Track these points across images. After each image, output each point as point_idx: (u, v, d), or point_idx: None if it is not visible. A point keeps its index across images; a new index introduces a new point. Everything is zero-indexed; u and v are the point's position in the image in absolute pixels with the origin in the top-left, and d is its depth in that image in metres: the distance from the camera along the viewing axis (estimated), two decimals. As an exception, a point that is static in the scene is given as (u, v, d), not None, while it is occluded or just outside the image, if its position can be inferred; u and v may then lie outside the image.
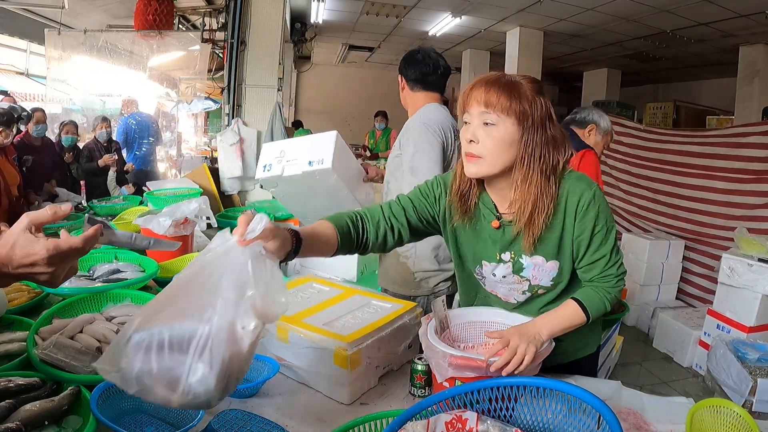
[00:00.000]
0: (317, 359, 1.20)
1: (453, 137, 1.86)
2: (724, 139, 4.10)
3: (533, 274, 1.20)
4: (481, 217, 1.21)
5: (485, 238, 1.22)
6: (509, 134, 1.07)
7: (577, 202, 1.12)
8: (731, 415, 1.02)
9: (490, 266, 1.23)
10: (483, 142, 1.08)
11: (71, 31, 5.07)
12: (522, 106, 1.06)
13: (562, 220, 1.15)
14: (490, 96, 1.07)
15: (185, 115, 7.57)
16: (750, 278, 3.08)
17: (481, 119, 1.08)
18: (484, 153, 1.08)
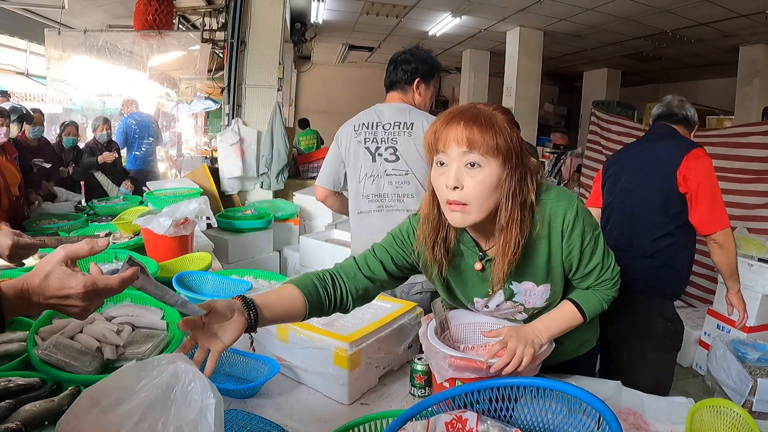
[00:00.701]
0: (317, 359, 1.20)
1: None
2: (724, 139, 4.10)
3: (526, 299, 1.17)
4: (465, 258, 1.14)
5: (473, 278, 1.16)
6: (495, 176, 0.97)
7: (562, 223, 1.06)
8: (731, 415, 1.02)
9: (482, 301, 1.20)
10: (468, 187, 0.97)
11: (71, 31, 5.07)
12: (505, 143, 0.97)
13: (548, 245, 1.09)
14: (473, 134, 0.96)
15: (185, 115, 7.58)
16: (750, 278, 3.08)
17: (463, 160, 0.97)
18: (470, 200, 0.97)
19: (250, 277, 1.92)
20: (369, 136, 1.92)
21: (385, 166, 1.88)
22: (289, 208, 4.38)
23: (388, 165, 1.88)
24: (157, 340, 1.32)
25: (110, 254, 2.00)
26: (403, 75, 1.97)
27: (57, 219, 3.02)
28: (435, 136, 1.00)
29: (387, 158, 1.88)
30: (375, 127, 1.93)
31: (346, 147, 1.96)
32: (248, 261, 3.67)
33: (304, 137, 7.83)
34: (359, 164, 1.92)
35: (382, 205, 1.89)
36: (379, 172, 1.88)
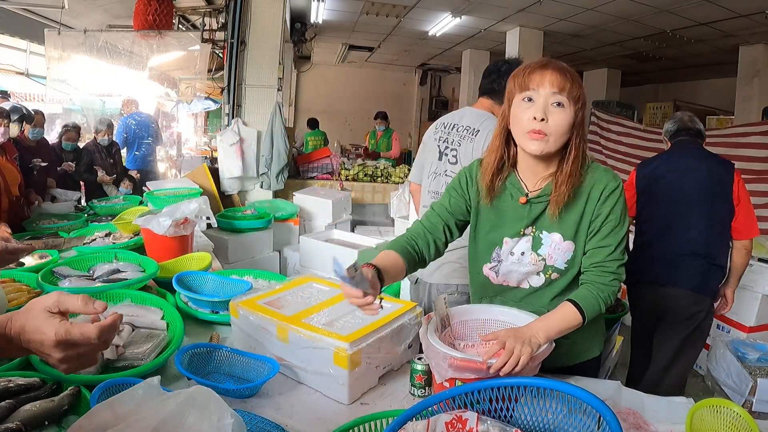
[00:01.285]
0: (317, 359, 1.20)
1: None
2: (724, 139, 4.11)
3: (549, 252, 1.24)
4: (507, 197, 1.27)
5: (509, 217, 1.27)
6: (572, 117, 1.15)
7: (602, 189, 1.20)
8: (731, 415, 1.02)
9: (511, 242, 1.27)
10: (551, 121, 1.14)
11: (71, 31, 5.07)
12: (582, 95, 1.15)
13: (584, 205, 1.21)
14: (565, 81, 1.13)
15: (185, 115, 7.57)
16: (750, 278, 3.08)
17: (551, 100, 1.14)
18: (550, 131, 1.14)
19: (250, 277, 1.92)
20: (443, 136, 2.01)
21: (446, 166, 1.98)
22: (289, 208, 4.38)
23: (448, 166, 1.97)
24: (157, 340, 1.32)
25: (110, 254, 2.00)
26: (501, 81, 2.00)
27: (57, 219, 3.02)
28: (528, 77, 1.15)
29: (449, 159, 1.98)
30: (452, 128, 2.01)
31: (427, 142, 2.07)
32: (248, 261, 3.67)
33: (312, 137, 7.79)
34: (430, 161, 2.03)
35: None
36: (440, 171, 1.98)
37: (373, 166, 5.63)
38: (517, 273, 1.29)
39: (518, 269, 1.28)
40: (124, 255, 1.99)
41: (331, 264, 0.97)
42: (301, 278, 1.64)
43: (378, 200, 5.34)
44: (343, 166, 5.55)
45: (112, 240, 2.44)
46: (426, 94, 12.56)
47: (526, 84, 1.16)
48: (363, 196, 5.32)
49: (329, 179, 5.37)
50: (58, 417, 1.01)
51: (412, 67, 11.99)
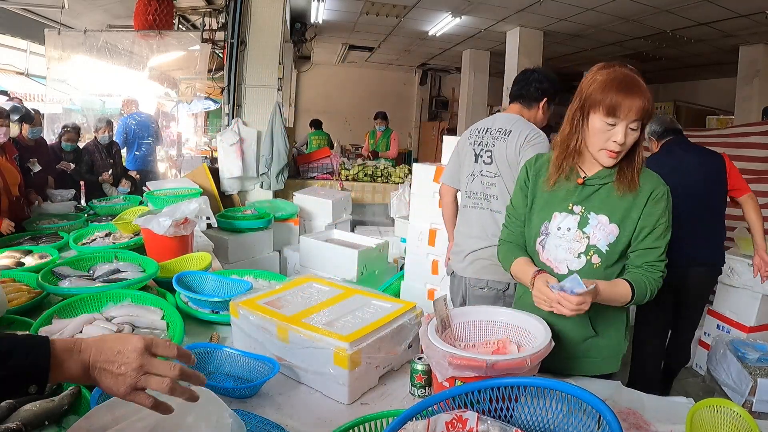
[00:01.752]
0: (317, 359, 1.20)
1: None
2: (724, 139, 4.10)
3: (594, 232, 1.31)
4: (563, 179, 1.38)
5: (561, 195, 1.38)
6: (639, 131, 1.26)
7: (653, 189, 1.29)
8: (731, 414, 1.02)
9: (559, 217, 1.36)
10: (626, 142, 1.25)
11: (71, 31, 5.07)
12: (650, 106, 1.22)
13: (635, 197, 1.29)
14: (642, 108, 1.21)
15: (185, 115, 7.57)
16: (750, 278, 3.07)
17: (630, 125, 1.23)
18: (623, 149, 1.26)
19: (250, 277, 1.92)
20: (477, 140, 2.13)
21: (481, 167, 2.10)
22: (289, 208, 4.38)
23: (483, 166, 2.10)
24: (157, 340, 1.32)
25: (110, 254, 2.00)
26: (534, 92, 2.16)
27: (57, 219, 3.02)
28: (615, 103, 1.21)
29: (484, 160, 2.10)
30: (485, 132, 2.14)
31: (461, 147, 2.19)
32: (248, 261, 3.67)
33: (316, 137, 7.79)
34: (467, 164, 2.15)
35: (477, 202, 2.13)
36: (476, 173, 2.11)
37: (373, 166, 5.63)
38: (561, 249, 1.34)
39: (562, 244, 1.34)
40: (124, 255, 1.99)
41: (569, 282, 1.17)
42: (301, 278, 1.64)
43: (378, 200, 5.34)
44: (343, 166, 5.55)
45: (112, 240, 2.44)
46: (426, 94, 12.55)
47: (613, 110, 1.22)
48: (363, 196, 5.33)
49: (329, 179, 5.37)
50: (58, 417, 1.01)
51: (412, 67, 11.99)
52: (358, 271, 3.21)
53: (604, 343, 1.39)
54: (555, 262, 1.36)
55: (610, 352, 1.40)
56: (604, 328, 1.39)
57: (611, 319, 1.39)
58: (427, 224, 3.03)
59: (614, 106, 1.22)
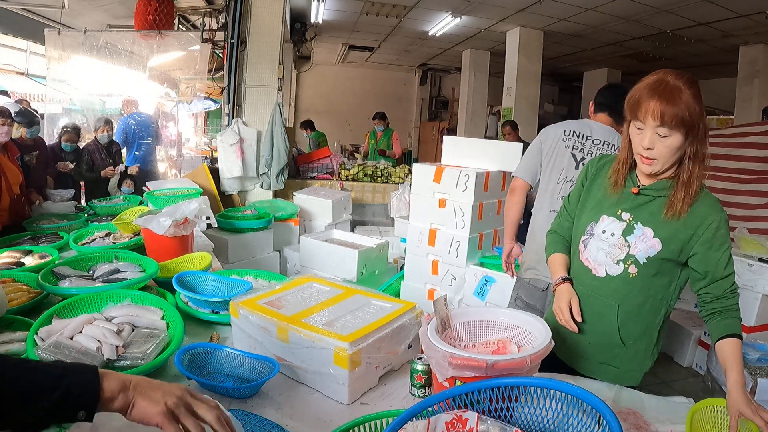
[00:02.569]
0: (317, 359, 1.20)
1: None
2: (724, 139, 4.10)
3: (636, 242, 1.31)
4: (623, 185, 1.37)
5: (615, 199, 1.38)
6: (678, 141, 1.21)
7: (711, 215, 1.26)
8: (731, 415, 1.02)
9: (606, 221, 1.37)
10: (658, 149, 1.23)
11: (71, 31, 5.07)
12: (690, 118, 1.18)
13: (688, 220, 1.27)
14: (665, 112, 1.18)
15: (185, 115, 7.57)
16: (750, 278, 3.08)
17: (655, 131, 1.22)
18: (657, 157, 1.24)
19: (250, 277, 1.92)
20: (578, 145, 2.12)
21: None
22: (289, 208, 4.38)
23: None
24: (157, 340, 1.32)
25: (110, 254, 2.00)
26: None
27: (57, 219, 3.02)
28: (636, 105, 1.23)
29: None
30: (585, 139, 2.14)
31: (551, 147, 2.15)
32: (248, 261, 3.67)
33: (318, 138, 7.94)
34: (561, 167, 2.12)
35: None
36: (570, 179, 2.09)
37: (373, 166, 5.63)
38: (602, 252, 1.35)
39: (603, 247, 1.35)
40: (124, 255, 1.99)
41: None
42: (301, 278, 1.64)
43: (378, 200, 5.34)
44: (343, 166, 5.55)
45: (112, 240, 2.43)
46: (426, 94, 12.55)
47: (635, 113, 1.24)
48: (363, 196, 5.33)
49: (329, 179, 5.37)
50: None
51: (412, 67, 11.99)
52: (358, 271, 3.21)
53: (630, 356, 1.39)
54: (594, 264, 1.38)
55: (634, 365, 1.40)
56: (632, 342, 1.38)
57: (641, 334, 1.39)
58: (427, 224, 3.03)
59: (636, 110, 1.23)
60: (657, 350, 1.43)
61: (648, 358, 1.41)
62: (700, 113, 1.20)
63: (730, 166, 4.00)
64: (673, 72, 1.23)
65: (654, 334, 1.40)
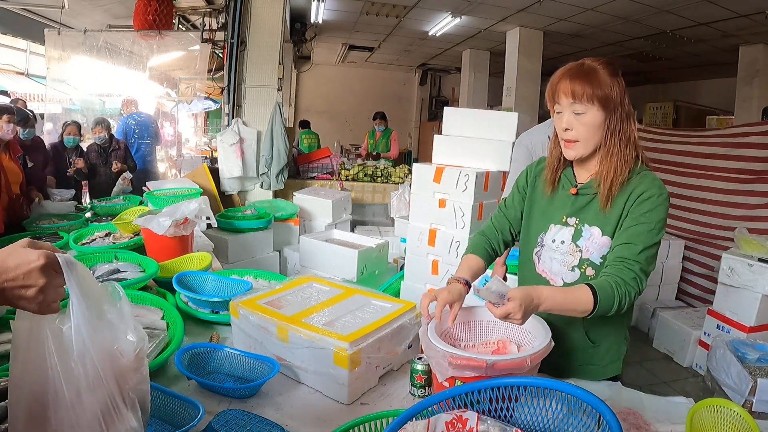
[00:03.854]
0: (317, 359, 1.20)
1: None
2: (724, 139, 4.10)
3: (587, 245, 1.28)
4: (560, 187, 1.36)
5: (557, 205, 1.36)
6: (596, 118, 1.21)
7: (642, 192, 1.22)
8: (731, 414, 1.02)
9: (554, 229, 1.34)
10: (576, 128, 1.22)
11: (71, 31, 5.07)
12: (603, 92, 1.19)
13: (624, 203, 1.24)
14: (575, 88, 1.19)
15: (185, 115, 7.57)
16: (750, 278, 3.08)
17: (571, 109, 1.22)
18: (578, 137, 1.23)
19: (250, 277, 1.92)
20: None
21: None
22: (289, 208, 4.38)
23: None
24: (157, 340, 1.32)
25: (110, 254, 2.00)
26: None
27: (57, 219, 3.02)
28: (552, 90, 1.24)
29: None
30: None
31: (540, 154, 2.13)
32: (248, 261, 3.67)
33: (306, 135, 7.97)
34: None
35: None
36: None
37: (373, 166, 5.63)
38: (556, 261, 1.32)
39: (556, 257, 1.32)
40: (124, 255, 1.99)
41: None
42: (301, 278, 1.64)
43: (378, 200, 5.34)
44: (343, 166, 5.55)
45: (112, 240, 2.44)
46: (426, 94, 12.55)
47: (551, 95, 1.25)
48: (363, 196, 5.32)
49: (329, 179, 5.37)
50: (58, 417, 1.00)
51: (412, 67, 11.99)
52: (358, 271, 3.21)
53: (605, 351, 1.37)
54: (550, 274, 1.34)
55: (612, 357, 1.38)
56: (602, 338, 1.36)
57: (609, 327, 1.35)
58: (427, 224, 3.03)
59: (551, 92, 1.24)
60: (628, 332, 1.42)
61: (622, 343, 1.39)
62: (618, 92, 1.20)
63: (730, 166, 4.00)
64: (592, 57, 1.25)
65: (623, 322, 1.39)
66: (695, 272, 4.25)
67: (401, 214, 4.30)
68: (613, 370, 1.39)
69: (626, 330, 1.41)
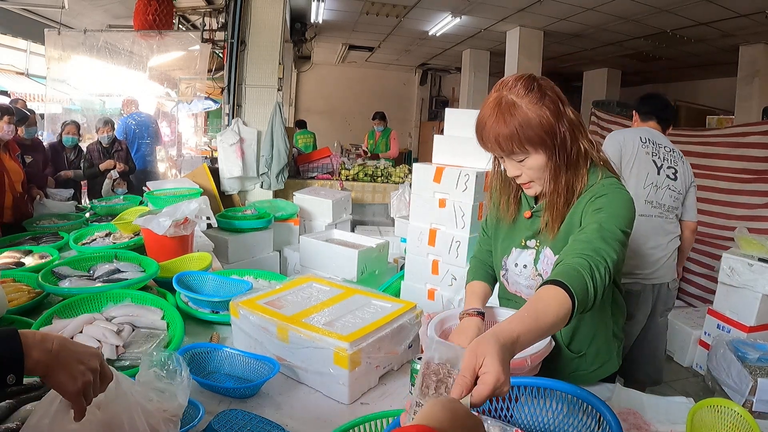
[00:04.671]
0: (317, 359, 1.20)
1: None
2: (724, 139, 4.10)
3: (544, 267, 1.25)
4: (521, 209, 1.32)
5: (519, 228, 1.32)
6: (538, 160, 1.12)
7: (591, 197, 1.14)
8: (731, 414, 1.02)
9: (515, 253, 1.31)
10: (524, 173, 1.16)
11: (71, 31, 5.07)
12: (533, 132, 1.07)
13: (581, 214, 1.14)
14: (502, 141, 1.09)
15: (185, 115, 7.57)
16: (750, 278, 3.08)
17: (510, 158, 1.15)
18: (531, 178, 1.17)
19: (250, 277, 1.92)
20: (655, 151, 2.27)
21: (668, 181, 2.24)
22: (289, 208, 4.38)
23: (670, 182, 2.24)
24: (157, 340, 1.32)
25: (110, 254, 2.00)
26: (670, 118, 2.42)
27: (57, 219, 3.02)
28: (481, 142, 1.14)
29: (668, 175, 2.24)
30: (658, 147, 2.29)
31: (631, 152, 2.27)
32: (248, 261, 3.67)
33: (302, 136, 7.94)
34: (645, 172, 2.24)
35: (662, 213, 2.25)
36: (661, 184, 2.24)
37: (373, 166, 5.63)
38: (522, 286, 1.31)
39: (521, 281, 1.30)
40: (124, 255, 1.99)
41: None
42: (301, 278, 1.64)
43: (378, 200, 5.34)
44: (343, 166, 5.55)
45: (112, 240, 2.43)
46: (426, 94, 12.55)
47: (484, 145, 1.15)
48: (363, 196, 5.32)
49: (329, 179, 5.37)
50: (58, 417, 1.00)
51: (412, 67, 11.99)
52: (358, 271, 3.21)
53: (594, 355, 1.32)
54: (523, 294, 1.33)
55: (603, 358, 1.33)
56: (589, 345, 1.31)
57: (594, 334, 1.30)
58: (427, 224, 3.03)
59: (482, 142, 1.13)
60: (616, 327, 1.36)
61: (611, 342, 1.35)
62: (551, 116, 1.07)
63: (730, 166, 4.00)
64: (512, 79, 1.11)
65: (608, 323, 1.33)
66: (695, 272, 4.24)
67: (401, 214, 4.30)
68: (610, 368, 1.36)
69: (612, 326, 1.34)
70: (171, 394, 0.87)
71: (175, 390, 0.87)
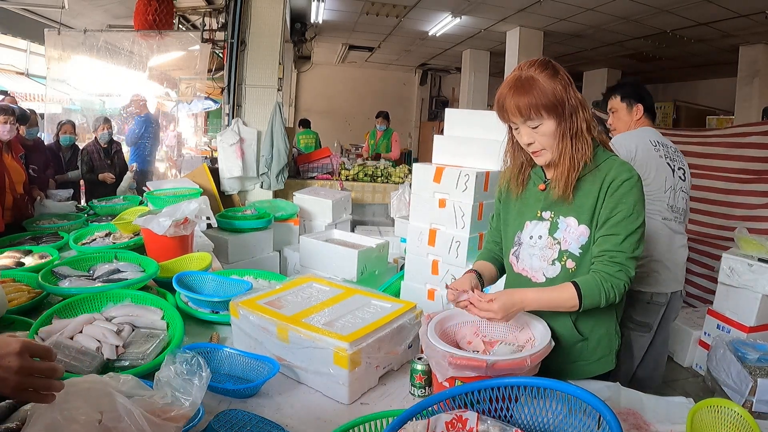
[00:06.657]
0: (317, 359, 1.20)
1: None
2: (724, 139, 4.10)
3: (564, 236, 1.29)
4: (531, 185, 1.39)
5: (530, 201, 1.38)
6: (550, 127, 1.23)
7: (612, 180, 1.24)
8: (731, 415, 1.02)
9: (530, 225, 1.35)
10: (537, 140, 1.25)
11: (71, 31, 5.07)
12: (548, 100, 1.20)
13: (598, 191, 1.25)
14: (521, 105, 1.21)
15: (185, 115, 7.57)
16: (750, 278, 3.08)
17: (525, 125, 1.24)
18: (543, 146, 1.25)
19: (250, 277, 1.92)
20: (668, 153, 2.18)
21: (680, 183, 2.17)
22: (289, 208, 4.38)
23: (681, 183, 2.17)
24: (157, 340, 1.32)
25: (110, 254, 2.00)
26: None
27: (57, 219, 3.02)
28: (500, 111, 1.26)
29: (680, 177, 2.18)
30: (668, 148, 2.21)
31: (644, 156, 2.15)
32: (248, 261, 3.67)
33: (303, 136, 7.90)
34: (664, 176, 2.14)
35: (677, 216, 2.17)
36: (677, 187, 2.16)
37: (373, 166, 5.63)
38: (536, 257, 1.32)
39: (535, 252, 1.32)
40: (124, 255, 1.99)
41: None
42: (301, 278, 1.64)
43: (378, 200, 5.34)
44: (343, 166, 5.55)
45: (112, 240, 2.44)
46: (426, 94, 12.56)
47: (502, 116, 1.27)
48: (363, 196, 5.32)
49: (329, 179, 5.37)
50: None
51: (412, 67, 11.99)
52: (358, 271, 3.21)
53: (595, 344, 1.35)
54: (531, 272, 1.34)
55: (602, 352, 1.36)
56: (592, 331, 1.34)
57: (598, 320, 1.34)
58: (427, 224, 3.03)
59: (503, 112, 1.25)
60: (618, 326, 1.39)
61: (613, 337, 1.38)
62: (561, 91, 1.21)
63: (730, 166, 4.00)
64: (528, 62, 1.26)
65: (612, 316, 1.37)
66: (695, 272, 4.24)
67: (401, 214, 4.30)
68: (607, 365, 1.38)
69: (616, 324, 1.38)
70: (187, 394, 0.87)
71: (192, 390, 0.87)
